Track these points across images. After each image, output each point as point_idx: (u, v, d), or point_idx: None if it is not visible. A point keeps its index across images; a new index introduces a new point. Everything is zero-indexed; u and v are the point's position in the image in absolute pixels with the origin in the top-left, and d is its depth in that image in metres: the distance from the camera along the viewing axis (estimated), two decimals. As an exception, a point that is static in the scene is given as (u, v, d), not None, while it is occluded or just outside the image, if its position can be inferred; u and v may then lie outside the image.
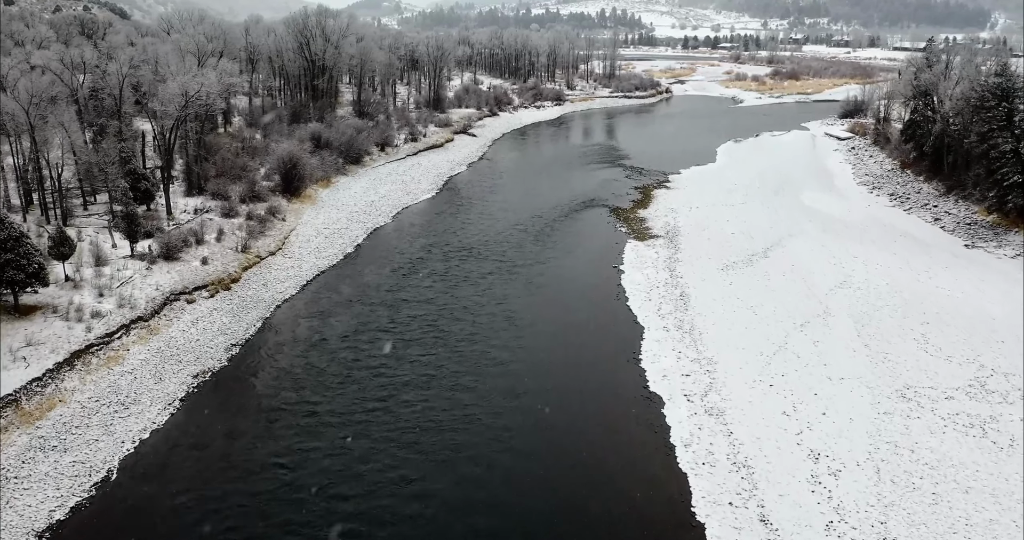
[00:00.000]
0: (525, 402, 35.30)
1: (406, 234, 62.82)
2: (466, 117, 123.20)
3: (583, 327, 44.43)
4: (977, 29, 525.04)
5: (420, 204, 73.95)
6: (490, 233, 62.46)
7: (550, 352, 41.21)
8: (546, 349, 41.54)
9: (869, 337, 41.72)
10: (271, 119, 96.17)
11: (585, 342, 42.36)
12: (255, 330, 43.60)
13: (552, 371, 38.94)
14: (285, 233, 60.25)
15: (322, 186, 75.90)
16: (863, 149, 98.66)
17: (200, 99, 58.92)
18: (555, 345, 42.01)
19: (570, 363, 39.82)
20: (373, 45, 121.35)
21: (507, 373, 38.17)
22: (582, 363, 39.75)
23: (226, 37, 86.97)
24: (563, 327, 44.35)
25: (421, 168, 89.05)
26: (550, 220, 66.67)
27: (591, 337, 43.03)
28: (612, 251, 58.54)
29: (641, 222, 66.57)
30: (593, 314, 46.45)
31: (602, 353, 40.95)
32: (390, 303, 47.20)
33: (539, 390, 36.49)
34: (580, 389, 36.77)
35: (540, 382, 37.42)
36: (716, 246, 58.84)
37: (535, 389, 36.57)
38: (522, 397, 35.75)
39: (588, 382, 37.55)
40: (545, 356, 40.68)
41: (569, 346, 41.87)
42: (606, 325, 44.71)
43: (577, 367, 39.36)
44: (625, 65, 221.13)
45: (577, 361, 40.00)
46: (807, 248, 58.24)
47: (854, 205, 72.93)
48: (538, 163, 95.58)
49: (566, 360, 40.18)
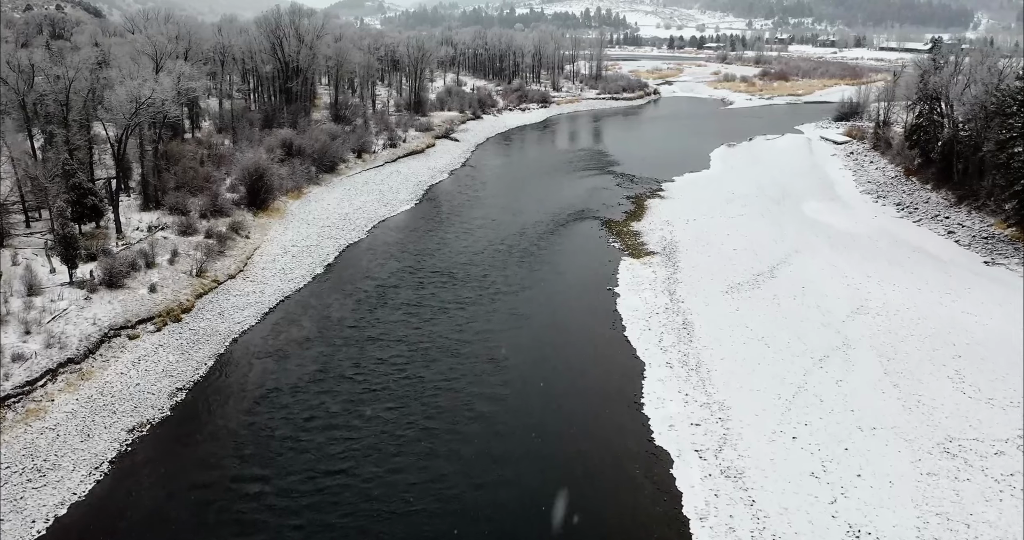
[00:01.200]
0: (513, 472, 29.93)
1: (380, 253, 57.64)
2: (448, 120, 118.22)
3: (577, 366, 39.57)
4: (961, 29, 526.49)
5: (398, 217, 68.87)
6: (471, 252, 57.45)
7: (540, 400, 35.83)
8: (536, 395, 36.19)
9: (897, 375, 37.20)
10: (242, 124, 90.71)
11: (579, 385, 37.34)
12: (206, 370, 38.43)
13: (544, 426, 33.52)
14: (248, 252, 55.02)
15: (292, 197, 70.66)
16: (862, 154, 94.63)
17: (152, 106, 53.49)
18: (546, 391, 36.69)
19: (564, 413, 34.59)
20: (350, 46, 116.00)
21: (491, 432, 32.77)
22: (577, 412, 34.68)
23: (191, 37, 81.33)
24: (554, 367, 39.36)
25: (400, 176, 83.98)
26: (537, 235, 61.79)
27: (586, 378, 38.11)
28: (605, 271, 53.80)
29: (635, 236, 61.90)
30: (587, 349, 41.63)
31: (599, 398, 35.99)
32: (356, 341, 41.53)
33: (529, 454, 31.20)
34: (577, 449, 31.59)
35: (530, 442, 32.15)
36: (718, 264, 54.25)
37: (524, 453, 31.27)
38: (509, 464, 30.39)
39: (585, 437, 32.61)
40: (535, 405, 35.37)
41: (562, 391, 36.65)
42: (602, 362, 39.90)
43: (572, 417, 34.24)
44: (611, 65, 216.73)
45: (572, 409, 34.93)
46: (816, 267, 53.77)
47: (860, 216, 68.62)
48: (523, 170, 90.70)
49: (559, 410, 34.92)
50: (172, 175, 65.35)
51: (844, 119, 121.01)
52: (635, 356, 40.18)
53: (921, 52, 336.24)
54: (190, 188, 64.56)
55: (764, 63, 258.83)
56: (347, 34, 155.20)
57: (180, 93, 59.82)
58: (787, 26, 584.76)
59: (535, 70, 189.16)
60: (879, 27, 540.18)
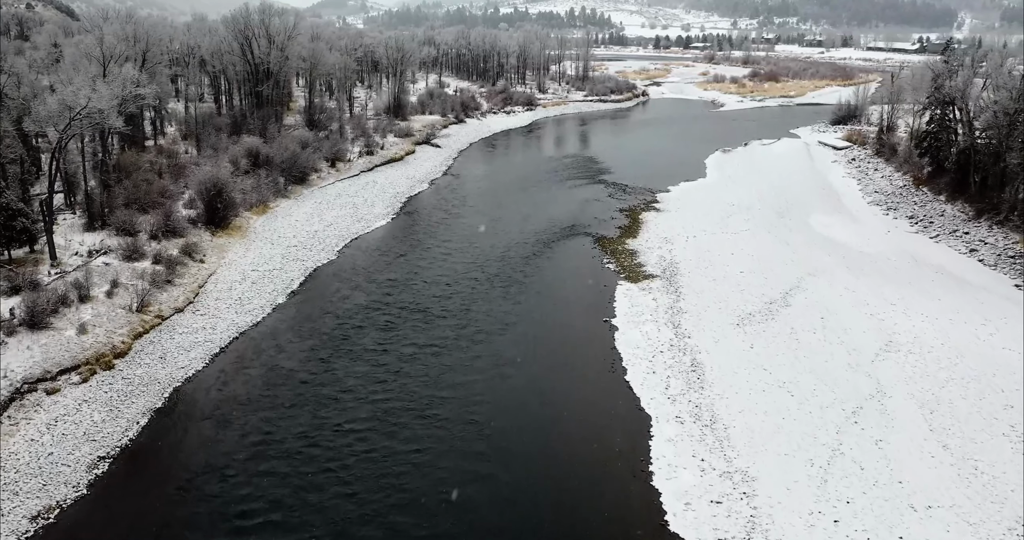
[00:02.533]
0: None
1: (349, 280, 51.79)
2: (429, 125, 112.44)
3: (572, 425, 33.85)
4: (945, 29, 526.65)
5: (372, 234, 63.11)
6: (450, 278, 51.69)
7: (529, 474, 29.96)
8: (524, 468, 30.33)
9: (945, 432, 32.06)
10: (207, 130, 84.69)
11: (576, 451, 31.50)
12: (136, 431, 32.64)
13: (533, 513, 27.73)
14: (201, 280, 49.15)
15: (257, 213, 64.74)
16: (865, 161, 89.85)
17: (90, 117, 47.48)
18: (535, 462, 30.84)
19: (558, 490, 28.84)
20: (325, 47, 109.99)
21: (468, 525, 26.87)
22: (574, 488, 28.95)
23: (149, 38, 75.16)
24: (545, 427, 33.59)
25: (377, 187, 78.21)
26: (523, 257, 56.23)
27: (584, 442, 32.32)
28: (601, 298, 48.41)
29: (632, 256, 56.57)
30: (584, 401, 35.99)
31: (600, 467, 30.38)
32: (310, 401, 34.94)
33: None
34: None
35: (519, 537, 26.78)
36: (725, 290, 49.02)
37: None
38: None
39: (584, 523, 27.11)
40: (523, 481, 29.49)
41: (554, 461, 30.82)
42: (602, 418, 34.36)
43: (568, 496, 28.51)
44: (597, 66, 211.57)
45: (567, 484, 29.22)
46: (833, 292, 48.65)
47: (872, 231, 63.67)
48: (508, 179, 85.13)
49: (552, 486, 29.15)
50: (123, 190, 59.50)
51: (842, 123, 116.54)
52: (639, 408, 34.80)
53: (909, 52, 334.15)
54: (142, 204, 58.60)
55: (752, 63, 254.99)
56: (324, 34, 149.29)
57: (126, 101, 53.74)
58: (772, 26, 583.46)
59: (520, 71, 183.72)
60: (863, 27, 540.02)
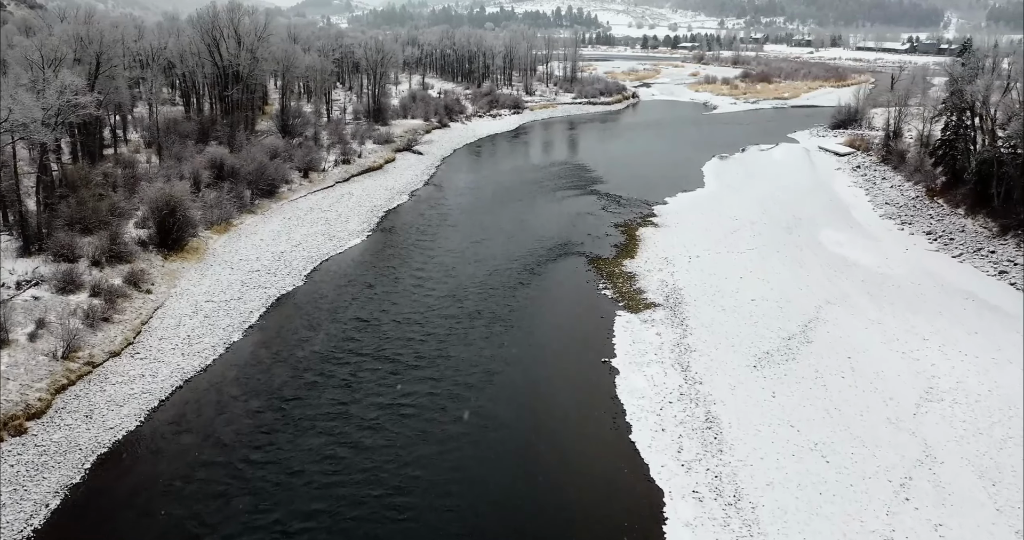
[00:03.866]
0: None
1: (312, 314, 45.90)
2: (411, 130, 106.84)
3: (569, 504, 28.23)
4: (931, 28, 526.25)
5: (345, 255, 57.46)
6: (425, 316, 45.57)
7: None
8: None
9: (1014, 512, 26.91)
10: (170, 138, 78.73)
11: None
12: (44, 517, 26.96)
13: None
14: (146, 314, 43.39)
15: (218, 231, 58.98)
16: (871, 169, 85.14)
17: (15, 131, 41.62)
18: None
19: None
20: (300, 48, 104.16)
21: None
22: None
23: (103, 40, 69.10)
24: (538, 509, 28.06)
25: (352, 199, 72.55)
26: (508, 286, 50.54)
27: (584, 527, 26.86)
28: (598, 334, 43.06)
29: (630, 281, 51.28)
30: (584, 469, 30.44)
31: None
32: (249, 486, 28.77)
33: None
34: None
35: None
36: (737, 322, 43.81)
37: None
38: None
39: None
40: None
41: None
42: (605, 491, 28.88)
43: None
44: (585, 66, 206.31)
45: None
46: (857, 325, 43.55)
47: (889, 249, 58.69)
48: (494, 190, 79.56)
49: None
50: (67, 207, 53.65)
51: (841, 127, 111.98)
52: (648, 478, 29.45)
53: (899, 52, 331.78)
54: (88, 224, 52.83)
55: (743, 64, 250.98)
56: (302, 34, 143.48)
57: (63, 111, 47.87)
58: (759, 25, 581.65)
59: (506, 72, 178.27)
60: (850, 26, 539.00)
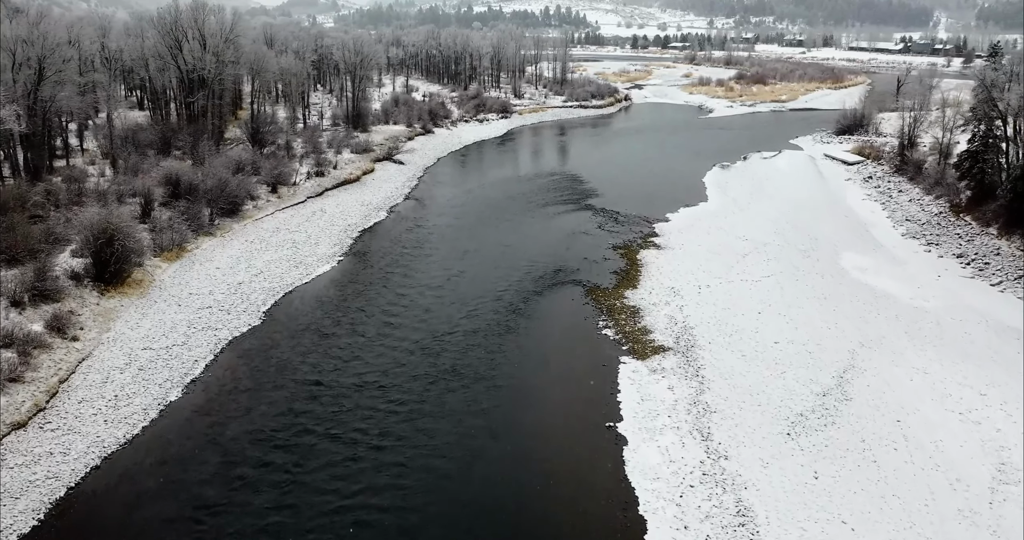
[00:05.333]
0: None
1: (262, 369, 38.79)
2: (393, 138, 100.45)
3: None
4: (921, 28, 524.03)
5: (311, 285, 50.98)
6: (395, 372, 38.41)
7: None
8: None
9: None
10: (126, 149, 72.04)
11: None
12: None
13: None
14: (67, 368, 36.81)
15: (169, 258, 52.40)
16: (884, 180, 79.45)
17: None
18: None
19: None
20: (271, 50, 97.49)
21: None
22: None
23: (44, 42, 62.35)
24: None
25: (324, 218, 66.08)
26: (494, 330, 43.60)
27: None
28: (600, 386, 36.85)
29: (634, 317, 45.11)
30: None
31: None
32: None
33: None
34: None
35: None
36: (760, 372, 37.73)
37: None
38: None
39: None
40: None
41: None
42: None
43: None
44: (575, 67, 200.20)
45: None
46: (900, 375, 37.55)
47: (919, 276, 52.79)
48: (479, 206, 73.15)
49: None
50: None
51: (846, 132, 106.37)
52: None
53: (893, 52, 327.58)
54: (17, 254, 46.26)
55: (736, 64, 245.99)
56: (280, 35, 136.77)
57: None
58: (749, 25, 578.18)
59: (494, 74, 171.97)
60: (840, 26, 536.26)
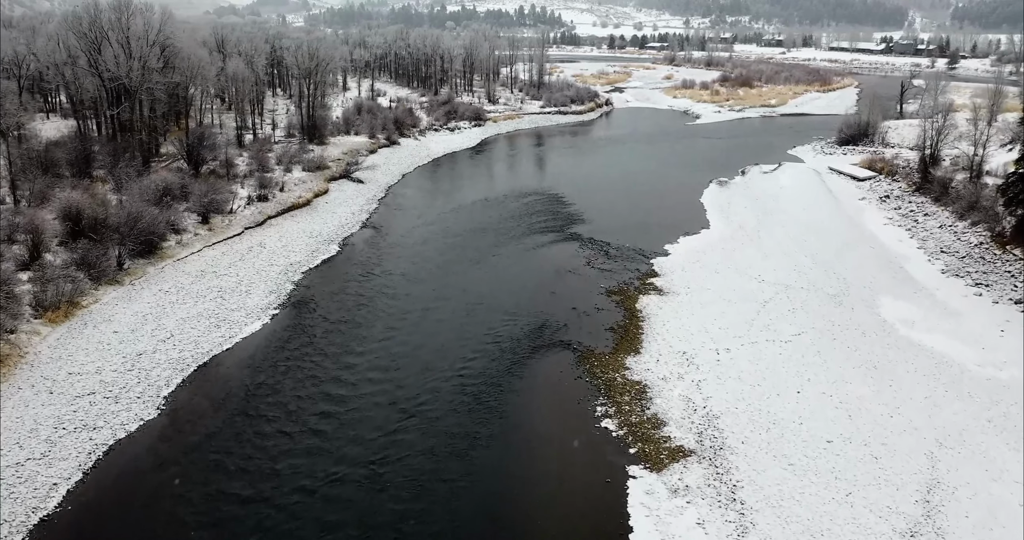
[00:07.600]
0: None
1: (159, 475, 29.16)
2: (352, 151, 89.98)
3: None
4: (896, 28, 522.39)
5: (232, 354, 40.51)
6: (324, 510, 29.45)
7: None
8: None
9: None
10: (31, 173, 61.12)
11: None
12: None
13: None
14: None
15: (54, 320, 41.72)
16: (904, 200, 70.58)
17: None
18: None
19: None
20: (209, 54, 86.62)
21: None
22: None
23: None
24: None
25: (263, 255, 55.64)
26: (461, 425, 33.55)
27: None
28: (604, 522, 26.97)
29: (640, 398, 35.34)
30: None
31: None
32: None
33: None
34: None
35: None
36: (818, 495, 28.07)
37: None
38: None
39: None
40: None
41: None
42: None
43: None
44: (551, 68, 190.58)
45: None
46: (1004, 494, 28.11)
47: (978, 330, 43.53)
48: (447, 238, 62.73)
49: None
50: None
51: (850, 142, 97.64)
52: None
53: (875, 52, 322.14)
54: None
55: (717, 65, 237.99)
56: (230, 37, 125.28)
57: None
58: (725, 24, 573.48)
59: (467, 76, 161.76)
60: (815, 25, 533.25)
